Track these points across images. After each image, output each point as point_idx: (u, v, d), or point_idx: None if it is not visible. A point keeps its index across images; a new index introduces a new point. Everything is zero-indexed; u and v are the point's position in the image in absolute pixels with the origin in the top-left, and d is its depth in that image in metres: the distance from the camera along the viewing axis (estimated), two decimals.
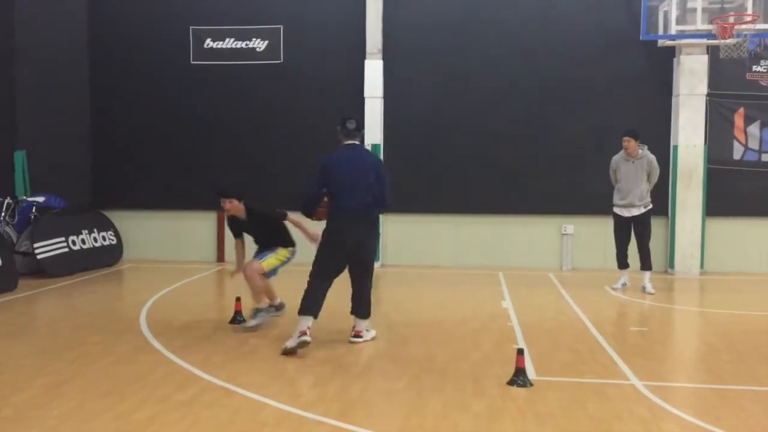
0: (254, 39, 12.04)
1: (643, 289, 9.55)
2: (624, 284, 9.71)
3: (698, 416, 4.66)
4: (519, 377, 5.28)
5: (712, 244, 11.36)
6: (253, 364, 5.82)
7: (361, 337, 6.61)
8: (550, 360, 6.04)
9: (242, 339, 6.69)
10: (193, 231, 12.38)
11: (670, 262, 11.28)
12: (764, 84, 11.12)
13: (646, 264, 9.52)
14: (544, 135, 11.52)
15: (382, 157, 11.73)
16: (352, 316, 6.65)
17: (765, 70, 11.11)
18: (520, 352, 5.40)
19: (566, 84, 11.49)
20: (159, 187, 12.28)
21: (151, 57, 12.25)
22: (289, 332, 6.43)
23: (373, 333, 6.75)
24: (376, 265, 11.73)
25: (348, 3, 11.80)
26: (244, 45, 12.06)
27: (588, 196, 11.08)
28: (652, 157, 9.37)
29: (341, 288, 6.67)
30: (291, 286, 7.19)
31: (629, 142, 9.30)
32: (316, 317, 6.25)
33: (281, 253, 7.14)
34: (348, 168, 6.25)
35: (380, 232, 11.84)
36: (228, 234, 10.89)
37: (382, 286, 10.64)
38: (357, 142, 6.48)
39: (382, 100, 11.73)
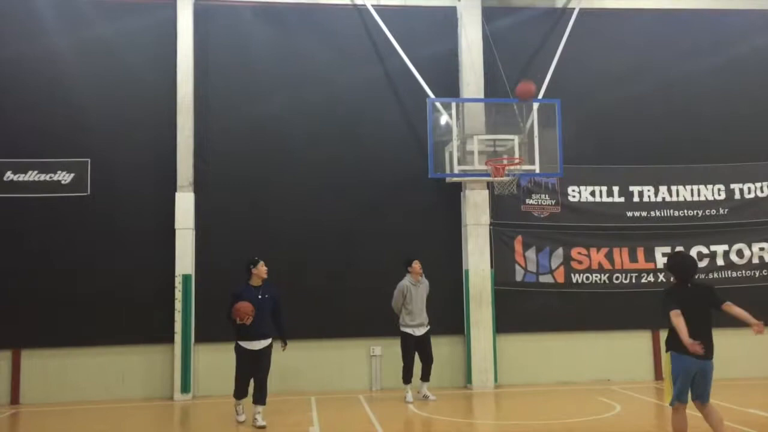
0: (59, 171, 11.88)
1: (426, 397, 10.71)
2: (411, 397, 10.63)
3: None
4: None
5: (503, 358, 12.42)
6: None
7: None
8: None
9: None
10: None
11: (468, 378, 12.15)
12: (536, 215, 12.75)
13: (429, 376, 10.81)
14: (353, 262, 12.25)
15: (193, 287, 11.82)
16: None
17: (536, 203, 12.78)
18: None
19: (370, 215, 12.40)
20: None
21: None
22: None
23: None
24: (189, 396, 11.59)
25: (159, 138, 12.08)
26: (47, 177, 11.84)
27: (390, 317, 11.74)
28: (427, 281, 10.98)
29: None
30: None
31: (420, 266, 10.77)
32: None
33: None
34: None
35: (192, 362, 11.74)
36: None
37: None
38: None
39: (193, 231, 11.95)
